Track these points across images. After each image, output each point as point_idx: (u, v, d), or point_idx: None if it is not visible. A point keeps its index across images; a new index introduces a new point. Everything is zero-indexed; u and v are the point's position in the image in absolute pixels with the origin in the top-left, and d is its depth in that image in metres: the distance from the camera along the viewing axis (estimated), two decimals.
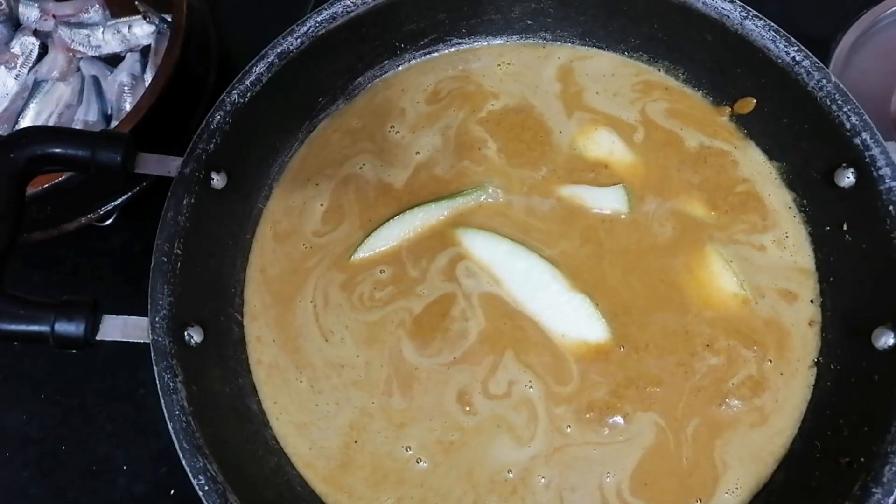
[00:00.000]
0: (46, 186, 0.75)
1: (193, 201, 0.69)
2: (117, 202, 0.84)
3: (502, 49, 0.86)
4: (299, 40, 0.75)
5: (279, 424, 0.71)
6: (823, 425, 0.68)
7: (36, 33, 0.94)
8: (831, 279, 0.73)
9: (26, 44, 0.93)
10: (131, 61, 0.92)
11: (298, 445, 0.70)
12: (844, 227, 0.72)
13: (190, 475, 0.61)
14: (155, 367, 0.63)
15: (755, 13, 0.73)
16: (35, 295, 0.58)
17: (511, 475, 0.68)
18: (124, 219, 0.86)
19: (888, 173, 0.67)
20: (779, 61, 0.72)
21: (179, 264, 0.67)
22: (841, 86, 0.70)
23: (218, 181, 0.72)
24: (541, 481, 0.67)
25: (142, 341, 0.63)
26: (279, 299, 0.75)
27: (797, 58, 0.72)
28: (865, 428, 0.64)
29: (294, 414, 0.71)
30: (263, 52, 0.74)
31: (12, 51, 0.93)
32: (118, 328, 0.61)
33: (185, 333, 0.66)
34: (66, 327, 0.57)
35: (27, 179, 0.61)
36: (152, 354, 0.63)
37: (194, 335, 0.67)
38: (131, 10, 0.93)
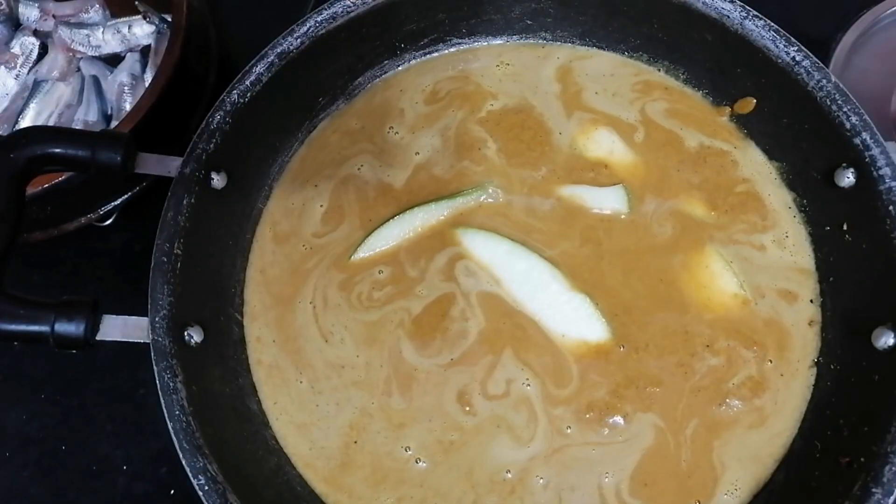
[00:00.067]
0: (46, 186, 0.75)
1: (193, 201, 0.69)
2: (117, 202, 0.84)
3: (501, 49, 0.86)
4: (299, 40, 0.75)
5: (279, 424, 0.71)
6: (823, 425, 0.68)
7: (36, 33, 0.94)
8: (831, 279, 0.73)
9: (26, 44, 0.93)
10: (131, 61, 0.92)
11: (298, 445, 0.70)
12: (844, 227, 0.72)
13: (190, 475, 0.61)
14: (155, 367, 0.63)
15: (755, 13, 0.73)
16: (35, 295, 0.58)
17: (509, 475, 0.68)
18: (124, 219, 0.86)
19: (888, 173, 0.67)
20: (779, 61, 0.72)
21: (179, 264, 0.67)
22: (841, 86, 0.70)
23: (218, 181, 0.72)
24: (539, 482, 0.67)
25: (142, 341, 0.63)
26: (279, 300, 0.75)
27: (797, 58, 0.72)
28: (865, 428, 0.64)
29: (294, 414, 0.71)
30: (263, 52, 0.74)
31: (12, 51, 0.93)
32: (118, 328, 0.61)
33: (185, 333, 0.66)
34: (66, 327, 0.57)
35: (27, 179, 0.61)
36: (152, 354, 0.63)
37: (194, 335, 0.67)
38: (131, 10, 0.93)
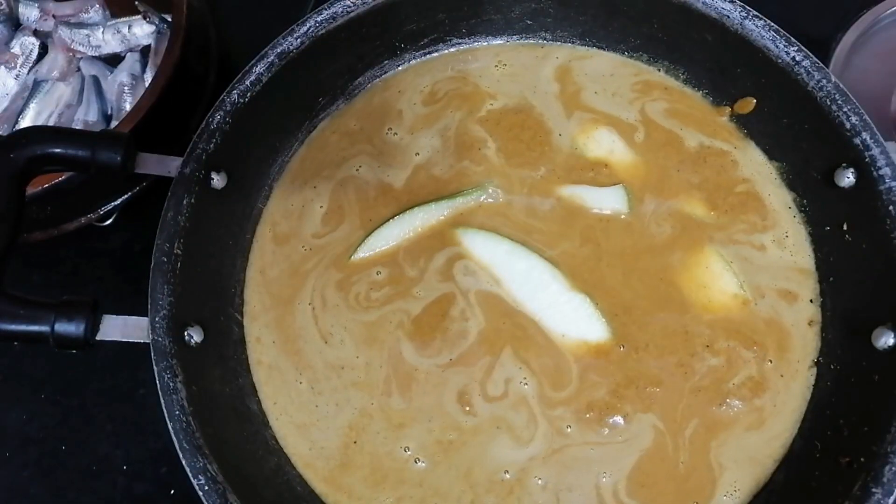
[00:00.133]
0: (46, 186, 0.75)
1: (193, 201, 0.69)
2: (117, 202, 0.84)
3: (500, 49, 0.85)
4: (299, 40, 0.75)
5: (279, 425, 0.71)
6: (823, 425, 0.68)
7: (36, 33, 0.94)
8: (831, 279, 0.73)
9: (26, 44, 0.93)
10: (131, 61, 0.92)
11: (298, 446, 0.70)
12: (844, 227, 0.72)
13: (190, 475, 0.61)
14: (155, 367, 0.63)
15: (755, 13, 0.73)
16: (35, 295, 0.58)
17: (508, 476, 0.68)
18: (124, 219, 0.86)
19: (888, 173, 0.67)
20: (779, 61, 0.72)
21: (179, 264, 0.67)
22: (841, 86, 0.70)
23: (218, 181, 0.72)
24: (538, 482, 0.67)
25: (142, 341, 0.63)
26: (279, 301, 0.75)
27: (797, 58, 0.72)
28: (865, 428, 0.64)
29: (294, 414, 0.71)
30: (263, 52, 0.74)
31: (12, 51, 0.93)
32: (118, 328, 0.61)
33: (185, 333, 0.66)
34: (66, 327, 0.57)
35: (27, 179, 0.61)
36: (152, 354, 0.63)
37: (194, 335, 0.67)
38: (131, 10, 0.93)
